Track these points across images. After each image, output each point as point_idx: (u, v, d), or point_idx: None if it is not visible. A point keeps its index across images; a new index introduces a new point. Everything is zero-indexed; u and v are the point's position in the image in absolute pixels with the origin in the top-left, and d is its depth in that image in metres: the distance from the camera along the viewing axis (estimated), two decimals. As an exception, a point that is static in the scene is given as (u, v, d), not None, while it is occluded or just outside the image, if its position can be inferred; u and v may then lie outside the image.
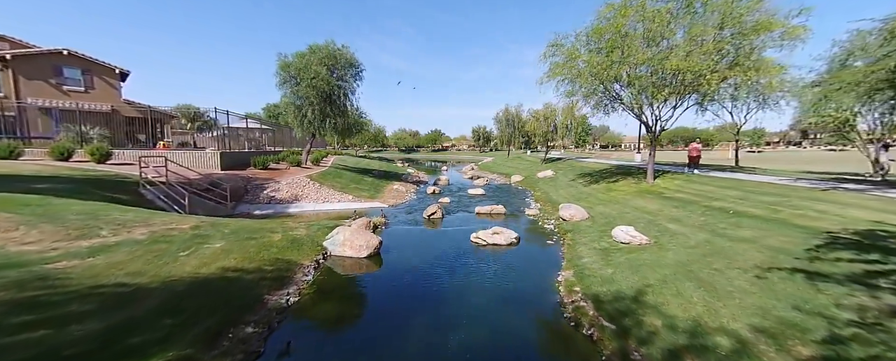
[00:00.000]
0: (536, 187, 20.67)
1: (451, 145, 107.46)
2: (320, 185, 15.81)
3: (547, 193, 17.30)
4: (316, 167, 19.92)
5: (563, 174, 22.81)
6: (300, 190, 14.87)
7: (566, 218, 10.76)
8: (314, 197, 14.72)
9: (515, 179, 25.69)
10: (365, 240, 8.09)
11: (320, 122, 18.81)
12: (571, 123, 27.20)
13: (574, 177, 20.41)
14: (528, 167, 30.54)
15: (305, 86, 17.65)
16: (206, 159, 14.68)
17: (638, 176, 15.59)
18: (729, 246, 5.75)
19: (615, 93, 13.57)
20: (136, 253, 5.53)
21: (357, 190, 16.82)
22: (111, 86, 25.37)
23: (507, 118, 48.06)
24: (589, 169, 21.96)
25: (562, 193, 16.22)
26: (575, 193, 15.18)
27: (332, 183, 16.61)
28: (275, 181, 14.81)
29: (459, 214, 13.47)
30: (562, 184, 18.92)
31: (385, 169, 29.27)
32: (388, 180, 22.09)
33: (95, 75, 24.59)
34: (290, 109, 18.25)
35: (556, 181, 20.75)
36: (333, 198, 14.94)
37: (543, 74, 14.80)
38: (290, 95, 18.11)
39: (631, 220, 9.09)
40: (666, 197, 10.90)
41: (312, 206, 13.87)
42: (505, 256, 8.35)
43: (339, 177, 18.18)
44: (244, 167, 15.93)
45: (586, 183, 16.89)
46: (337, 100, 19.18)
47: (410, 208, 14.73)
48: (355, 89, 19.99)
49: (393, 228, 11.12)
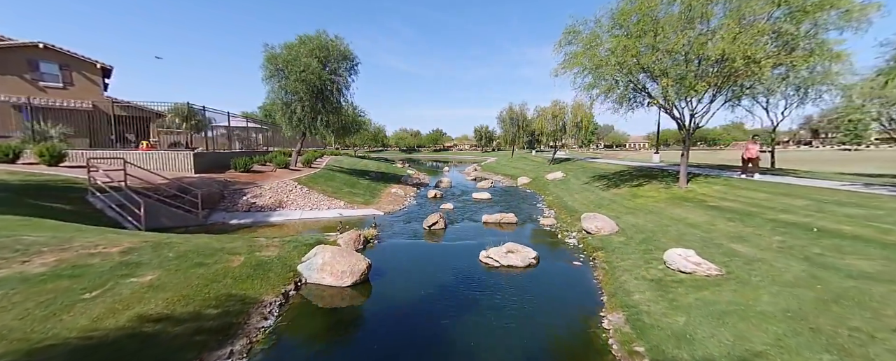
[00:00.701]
0: (546, 191, 19.00)
1: (452, 145, 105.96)
2: (309, 190, 14.18)
3: (560, 198, 15.62)
4: (307, 169, 18.30)
5: (574, 176, 21.13)
6: (285, 195, 13.25)
7: (591, 230, 9.09)
8: (301, 203, 13.09)
9: (522, 181, 24.03)
10: (350, 264, 6.45)
11: (311, 120, 17.17)
12: (582, 121, 25.52)
13: (587, 179, 18.72)
14: (535, 168, 28.85)
15: (294, 81, 16.03)
16: (178, 161, 13.09)
17: (664, 179, 13.91)
18: (853, 287, 4.09)
19: (642, 86, 11.90)
20: (13, 298, 3.90)
21: (350, 194, 15.19)
22: (92, 82, 23.80)
23: (512, 117, 46.38)
24: (602, 170, 20.27)
25: (577, 198, 14.54)
26: (593, 199, 13.50)
27: (323, 188, 14.98)
28: (257, 185, 13.19)
29: (464, 224, 11.81)
30: (575, 188, 17.24)
31: (383, 170, 27.64)
32: (386, 183, 20.46)
33: (75, 70, 23.01)
34: (277, 106, 16.63)
35: (567, 184, 19.07)
36: (322, 205, 13.31)
37: (558, 65, 13.14)
38: (277, 90, 16.49)
39: (676, 237, 7.42)
40: (711, 207, 9.22)
41: (298, 214, 12.24)
42: (524, 282, 6.70)
43: (331, 181, 16.55)
44: (223, 169, 14.33)
45: (604, 187, 15.21)
46: (330, 96, 17.55)
47: (409, 216, 13.09)
48: (350, 84, 18.36)
49: (388, 242, 9.47)
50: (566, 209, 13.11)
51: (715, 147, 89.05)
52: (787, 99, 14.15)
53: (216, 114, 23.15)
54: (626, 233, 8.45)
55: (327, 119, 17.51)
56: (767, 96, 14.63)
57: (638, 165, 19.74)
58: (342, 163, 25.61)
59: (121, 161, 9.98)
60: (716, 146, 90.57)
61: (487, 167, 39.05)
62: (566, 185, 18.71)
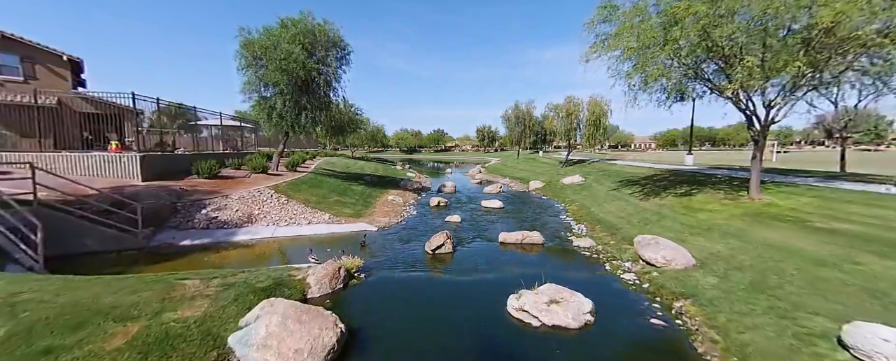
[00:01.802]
0: (565, 197, 16.57)
1: (454, 145, 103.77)
2: (287, 199, 11.77)
3: (586, 208, 13.18)
4: (290, 173, 15.89)
5: (595, 180, 18.68)
6: (257, 207, 10.84)
7: (654, 261, 6.66)
8: (276, 216, 10.69)
9: (535, 186, 21.59)
10: (310, 337, 4.03)
11: (295, 117, 14.77)
12: (600, 119, 23.09)
13: (613, 184, 16.29)
14: (547, 171, 26.42)
15: (274, 70, 13.64)
16: (122, 166, 10.69)
17: (718, 186, 11.46)
18: None
19: (701, 72, 9.47)
20: None
21: (339, 204, 12.78)
22: (59, 76, 21.40)
23: (517, 116, 43.89)
24: (628, 174, 17.82)
25: (610, 210, 12.11)
26: (632, 211, 11.07)
27: (306, 196, 12.57)
28: (222, 195, 10.79)
29: (476, 244, 9.39)
30: (601, 196, 14.81)
31: (381, 173, 25.23)
32: (383, 188, 18.05)
33: (38, 63, 20.60)
34: (254, 100, 14.23)
35: (590, 190, 16.63)
36: (302, 218, 10.89)
37: (588, 48, 10.75)
38: (253, 82, 14.08)
39: (808, 283, 5.00)
40: (823, 230, 6.77)
41: (270, 231, 9.84)
42: (584, 360, 4.29)
43: (317, 187, 14.14)
44: (182, 175, 11.91)
45: (640, 196, 12.77)
46: (317, 90, 15.16)
47: (408, 231, 10.68)
48: (341, 76, 15.97)
49: (378, 278, 7.04)
50: (600, 224, 10.66)
51: (722, 147, 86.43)
52: (864, 88, 11.66)
53: (208, 113, 20.85)
54: (712, 270, 6.02)
55: (313, 115, 15.09)
56: (837, 87, 12.15)
57: (671, 168, 17.29)
58: (335, 165, 23.22)
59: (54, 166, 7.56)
60: (724, 146, 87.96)
61: (493, 169, 36.63)
62: (589, 192, 16.27)
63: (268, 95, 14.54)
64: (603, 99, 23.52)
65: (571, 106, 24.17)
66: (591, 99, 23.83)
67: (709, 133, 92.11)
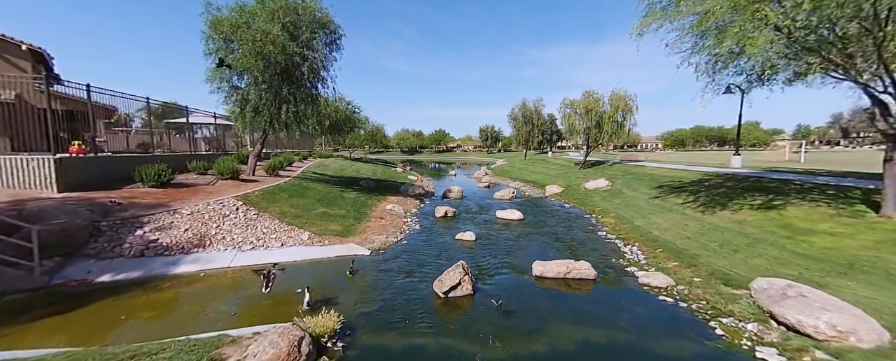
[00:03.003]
0: (594, 205, 14.09)
1: (456, 146, 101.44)
2: (258, 213, 9.32)
3: (629, 222, 10.69)
4: (269, 178, 13.42)
5: (625, 185, 16.19)
6: (215, 224, 8.38)
7: (816, 332, 4.13)
8: (239, 237, 8.23)
9: (552, 191, 19.12)
10: None
11: (275, 111, 12.33)
12: (625, 115, 20.58)
13: (653, 191, 13.81)
14: (563, 173, 23.93)
15: (247, 55, 11.21)
16: (29, 172, 8.19)
17: (808, 195, 8.96)
18: None
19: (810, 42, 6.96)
20: None
21: (325, 217, 10.33)
22: (19, 68, 19.05)
23: (525, 114, 41.47)
24: (668, 178, 15.33)
25: (661, 225, 9.63)
26: (699, 229, 8.57)
27: (284, 208, 10.12)
28: (168, 209, 8.32)
29: (503, 279, 6.93)
30: (642, 205, 12.32)
31: (379, 176, 22.77)
32: (381, 195, 15.60)
33: (-7, 54, 18.27)
34: (223, 91, 11.77)
35: (624, 198, 14.14)
36: (274, 239, 8.44)
37: (641, 20, 8.27)
38: (222, 69, 11.63)
39: None
40: None
41: (228, 257, 7.40)
42: None
43: (299, 196, 11.67)
44: (121, 184, 9.39)
45: (699, 207, 10.29)
46: (301, 79, 12.71)
47: (410, 256, 8.22)
48: (330, 64, 13.51)
49: (363, 351, 4.55)
50: (660, 246, 8.17)
51: (726, 147, 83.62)
52: None
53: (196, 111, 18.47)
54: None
55: (297, 109, 12.64)
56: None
57: (718, 171, 14.76)
58: (327, 168, 20.75)
59: None
60: (727, 146, 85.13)
61: (499, 171, 34.15)
62: (623, 200, 13.78)
63: (240, 85, 12.10)
64: (626, 93, 21.04)
65: (591, 101, 21.67)
66: (613, 92, 21.34)
67: (719, 132, 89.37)
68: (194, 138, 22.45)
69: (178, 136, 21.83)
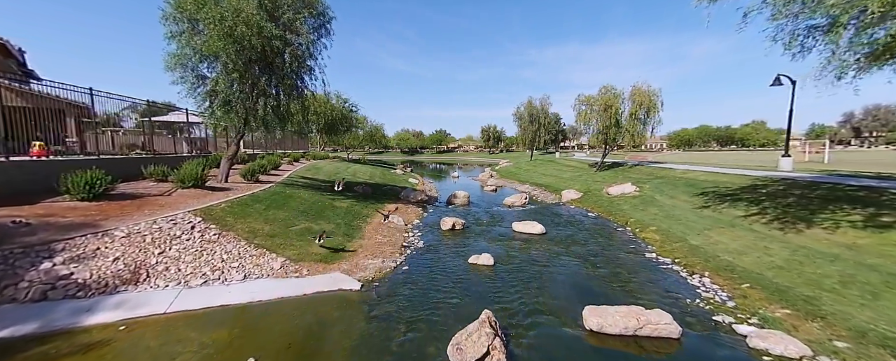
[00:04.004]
0: (625, 215, 12.12)
1: (457, 146, 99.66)
2: (220, 233, 7.33)
3: (683, 241, 8.71)
4: (246, 185, 11.42)
5: (656, 191, 14.21)
6: (157, 250, 6.39)
7: None
8: (188, 267, 6.25)
9: (569, 196, 17.14)
10: None
11: (249, 105, 10.35)
12: (650, 112, 18.58)
13: (694, 199, 11.85)
14: (578, 176, 21.95)
15: (216, 37, 9.25)
16: None
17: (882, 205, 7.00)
18: None
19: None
20: None
21: (307, 235, 8.34)
22: (-26, 61, 17.21)
23: (531, 113, 39.50)
24: (708, 183, 13.34)
25: (728, 244, 7.66)
26: (794, 256, 6.58)
27: (254, 225, 8.13)
28: (96, 231, 6.33)
29: (543, 332, 4.96)
30: (689, 217, 10.36)
31: (378, 180, 20.79)
32: (378, 202, 13.62)
33: (-56, 44, 16.41)
34: (187, 82, 9.76)
35: (661, 207, 12.16)
36: (234, 269, 6.46)
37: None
38: (186, 55, 9.64)
39: None
40: None
41: (166, 299, 5.43)
42: None
43: (277, 208, 9.68)
44: (42, 195, 7.34)
45: (772, 222, 8.32)
46: (282, 68, 10.74)
47: (412, 292, 6.25)
48: (318, 52, 11.54)
49: None
50: (744, 278, 6.20)
51: (744, 148, 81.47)
52: None
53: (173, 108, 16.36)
54: None
55: (278, 103, 10.66)
56: None
57: (769, 175, 12.76)
58: (319, 171, 18.77)
59: None
60: (744, 147, 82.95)
61: (506, 173, 32.18)
62: (661, 209, 11.80)
63: (209, 74, 10.11)
64: (650, 87, 19.06)
65: (610, 97, 19.68)
66: (635, 87, 19.35)
67: (726, 132, 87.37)
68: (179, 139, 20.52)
69: (170, 137, 19.92)
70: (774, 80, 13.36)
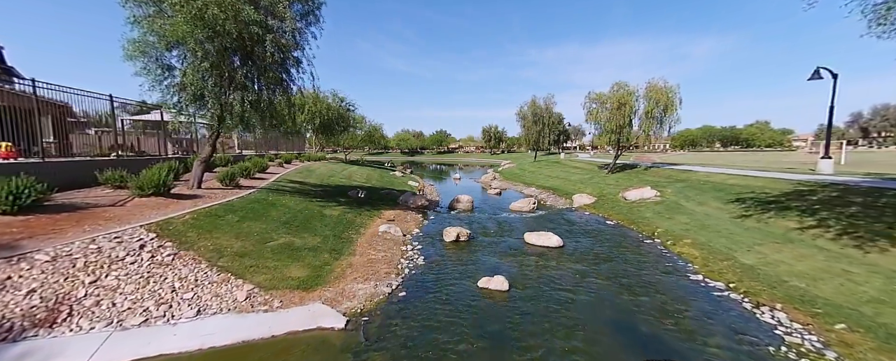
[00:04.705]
0: (650, 224, 10.81)
1: (457, 146, 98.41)
2: (176, 253, 6.00)
3: (725, 255, 7.40)
4: (221, 192, 10.08)
5: (681, 197, 12.89)
6: (89, 278, 5.07)
7: None
8: (126, 301, 4.92)
9: (582, 201, 15.82)
10: None
11: (224, 99, 9.01)
12: (667, 110, 17.25)
13: (732, 207, 10.54)
14: (588, 179, 20.62)
15: (184, 21, 7.93)
16: None
17: None
18: None
19: None
20: None
21: (285, 253, 7.01)
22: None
23: (535, 113, 38.22)
24: (739, 188, 12.03)
25: (787, 263, 6.37)
26: (888, 290, 5.27)
27: (222, 242, 6.80)
28: (12, 255, 5.01)
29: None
30: (729, 227, 9.04)
31: (375, 183, 19.47)
32: (374, 209, 12.30)
33: None
34: (151, 73, 8.40)
35: (690, 214, 10.84)
36: (185, 301, 5.13)
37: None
38: (149, 41, 8.30)
39: None
40: None
41: (86, 349, 4.10)
42: None
43: (255, 219, 8.34)
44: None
45: (841, 237, 7.02)
46: (264, 58, 9.40)
47: (409, 331, 4.92)
48: (305, 41, 10.22)
49: None
50: (837, 316, 4.89)
51: (748, 149, 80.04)
52: None
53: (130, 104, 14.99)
54: None
55: (257, 97, 9.33)
56: None
57: (813, 179, 11.43)
58: (311, 174, 17.44)
59: None
60: (749, 148, 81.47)
61: (509, 174, 30.84)
62: (691, 218, 10.47)
63: (178, 65, 8.77)
64: (667, 84, 17.76)
65: (623, 94, 18.37)
66: (650, 84, 18.05)
67: (731, 132, 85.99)
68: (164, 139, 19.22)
69: (158, 138, 18.61)
70: (813, 74, 12.04)
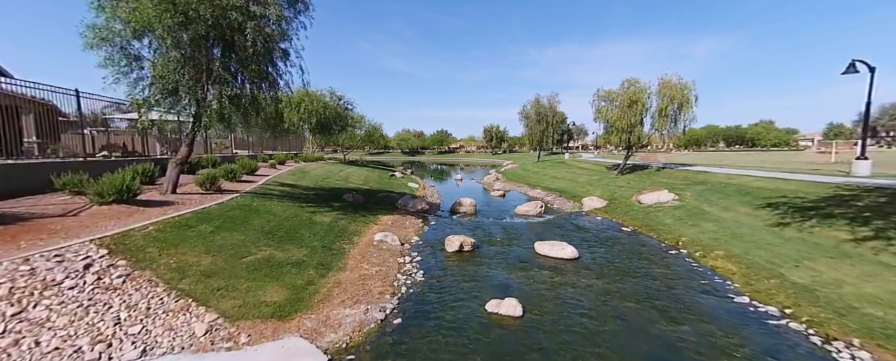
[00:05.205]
0: (672, 232, 9.84)
1: (458, 146, 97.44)
2: (129, 274, 5.05)
3: (770, 271, 6.43)
4: (197, 198, 9.11)
5: (703, 201, 11.91)
6: (9, 310, 4.12)
7: None
8: (54, 338, 3.97)
9: (592, 205, 14.86)
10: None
11: (198, 93, 8.06)
12: (682, 107, 16.25)
13: (764, 213, 9.56)
14: (597, 181, 19.64)
15: (151, 4, 6.98)
16: None
17: None
18: None
19: None
20: None
21: (263, 271, 6.05)
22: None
23: (539, 112, 37.17)
24: (768, 191, 11.04)
25: (852, 284, 5.43)
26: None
27: (188, 258, 5.85)
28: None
29: None
30: (767, 237, 8.07)
31: (372, 185, 18.51)
32: (370, 214, 11.35)
33: None
34: (116, 64, 7.44)
35: (716, 221, 9.86)
36: (129, 337, 4.17)
37: None
38: (113, 29, 7.35)
39: None
40: None
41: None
42: None
43: (232, 229, 7.38)
44: None
45: None
46: (245, 48, 8.42)
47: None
48: (293, 32, 9.26)
49: None
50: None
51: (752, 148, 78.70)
52: None
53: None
54: None
55: (238, 92, 8.37)
56: None
57: (853, 181, 10.45)
58: (305, 176, 16.48)
59: None
60: (753, 147, 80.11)
61: (513, 175, 29.85)
62: (719, 225, 9.49)
63: (146, 55, 7.81)
64: (681, 80, 16.75)
65: (635, 91, 17.37)
66: (664, 80, 17.04)
67: (736, 132, 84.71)
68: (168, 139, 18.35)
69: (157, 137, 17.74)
70: (848, 67, 11.05)
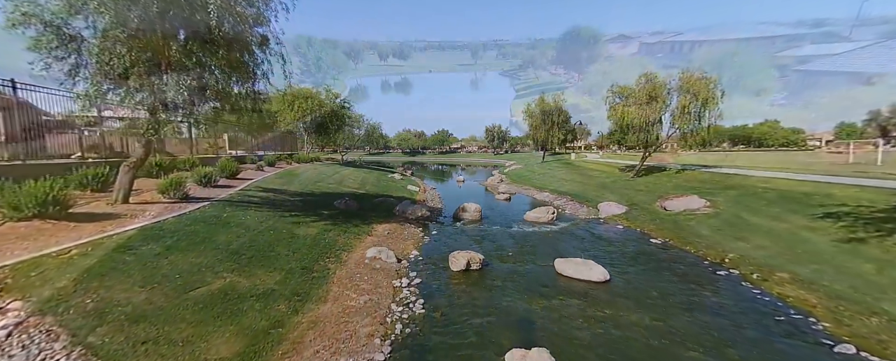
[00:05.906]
0: (712, 244, 8.44)
1: (460, 146, 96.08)
2: (17, 322, 3.67)
3: (870, 308, 5.03)
4: (159, 205, 7.73)
5: (741, 208, 10.51)
6: None
7: None
8: None
9: (610, 211, 13.45)
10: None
11: (155, 83, 6.69)
12: (707, 104, 14.83)
13: (830, 225, 8.19)
14: (611, 183, 18.24)
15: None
16: None
17: None
18: None
19: None
20: None
21: (217, 308, 4.67)
22: None
23: (544, 110, 35.75)
24: (819, 197, 9.64)
25: None
26: None
27: (110, 295, 4.48)
28: None
29: None
30: (833, 253, 6.73)
31: (368, 188, 17.12)
32: (363, 223, 9.95)
33: None
34: (46, 47, 6.07)
35: (767, 232, 8.47)
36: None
37: None
38: (54, 9, 5.97)
39: None
40: None
41: None
42: None
43: (187, 249, 6.00)
44: None
45: None
46: (211, 30, 7.01)
47: None
48: (269, 13, 7.83)
49: None
50: None
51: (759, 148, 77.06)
52: None
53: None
54: None
55: (200, 83, 6.97)
56: None
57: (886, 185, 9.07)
58: (295, 179, 15.08)
59: None
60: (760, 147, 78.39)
61: (516, 176, 28.44)
62: (770, 237, 8.08)
63: (88, 37, 6.43)
64: (705, 75, 15.35)
65: (653, 87, 15.96)
66: (685, 75, 15.64)
67: (742, 131, 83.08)
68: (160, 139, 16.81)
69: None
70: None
